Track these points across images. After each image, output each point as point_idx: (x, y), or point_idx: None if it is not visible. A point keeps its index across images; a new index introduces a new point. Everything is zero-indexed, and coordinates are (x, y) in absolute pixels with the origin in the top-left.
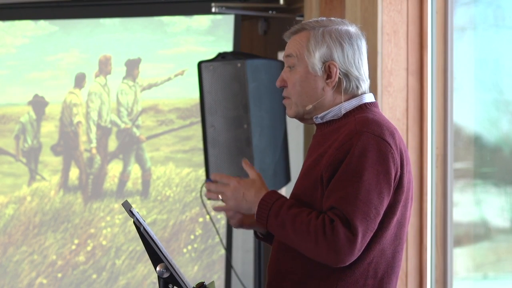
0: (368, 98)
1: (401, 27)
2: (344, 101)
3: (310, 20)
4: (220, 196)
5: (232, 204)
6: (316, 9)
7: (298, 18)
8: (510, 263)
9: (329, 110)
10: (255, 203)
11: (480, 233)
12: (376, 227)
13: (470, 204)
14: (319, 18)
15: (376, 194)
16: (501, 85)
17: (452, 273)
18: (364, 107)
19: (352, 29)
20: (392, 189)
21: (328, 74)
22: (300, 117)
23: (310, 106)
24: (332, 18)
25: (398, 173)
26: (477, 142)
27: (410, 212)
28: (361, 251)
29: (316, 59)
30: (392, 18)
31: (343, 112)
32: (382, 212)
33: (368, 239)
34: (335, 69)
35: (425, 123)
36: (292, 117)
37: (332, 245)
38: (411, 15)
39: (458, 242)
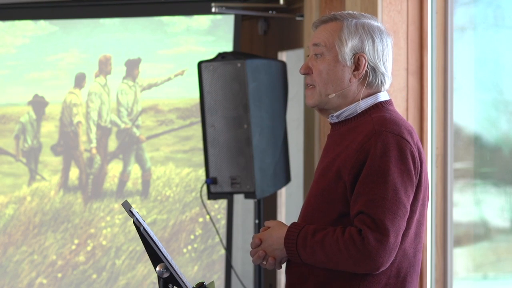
0: (383, 96)
1: (401, 27)
2: (364, 97)
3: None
4: (265, 262)
5: (276, 255)
6: (316, 9)
7: (298, 18)
8: (510, 263)
9: (344, 109)
10: (282, 245)
11: (480, 233)
12: (405, 225)
13: (470, 204)
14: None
15: (403, 193)
16: (501, 85)
17: (452, 273)
18: (380, 105)
19: (382, 26)
20: (414, 187)
21: (356, 65)
22: (321, 107)
23: (333, 95)
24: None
25: (418, 171)
26: (477, 142)
27: (426, 210)
28: (396, 249)
29: (348, 48)
30: (392, 18)
31: (359, 111)
32: (409, 210)
33: (400, 237)
34: (364, 61)
35: (425, 123)
36: (311, 107)
37: (367, 253)
38: (411, 15)
39: (458, 242)
